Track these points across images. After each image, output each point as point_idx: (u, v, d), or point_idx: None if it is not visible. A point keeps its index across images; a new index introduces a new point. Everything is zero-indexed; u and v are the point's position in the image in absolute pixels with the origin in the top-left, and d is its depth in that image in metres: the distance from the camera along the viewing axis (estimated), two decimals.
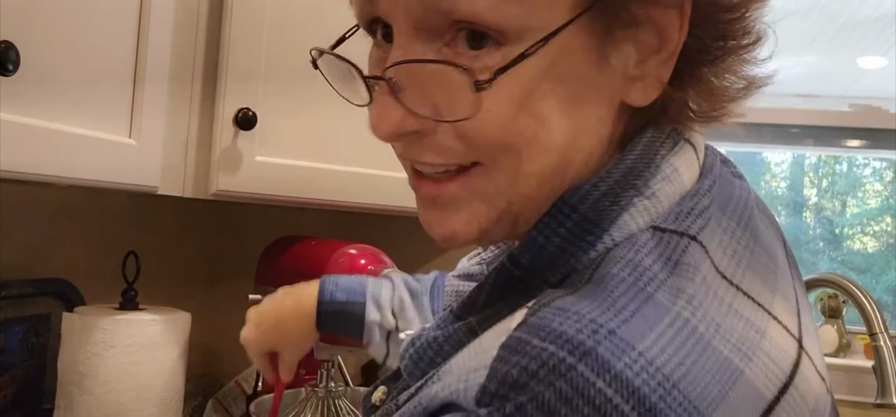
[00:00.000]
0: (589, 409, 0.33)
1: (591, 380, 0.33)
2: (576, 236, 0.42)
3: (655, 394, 0.34)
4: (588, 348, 0.34)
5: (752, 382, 0.37)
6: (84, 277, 1.17)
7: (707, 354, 0.36)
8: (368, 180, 1.12)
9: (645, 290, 0.38)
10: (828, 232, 2.48)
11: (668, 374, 0.34)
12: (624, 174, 0.43)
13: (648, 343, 0.35)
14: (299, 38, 1.08)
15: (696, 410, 0.34)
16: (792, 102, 2.27)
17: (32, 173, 0.72)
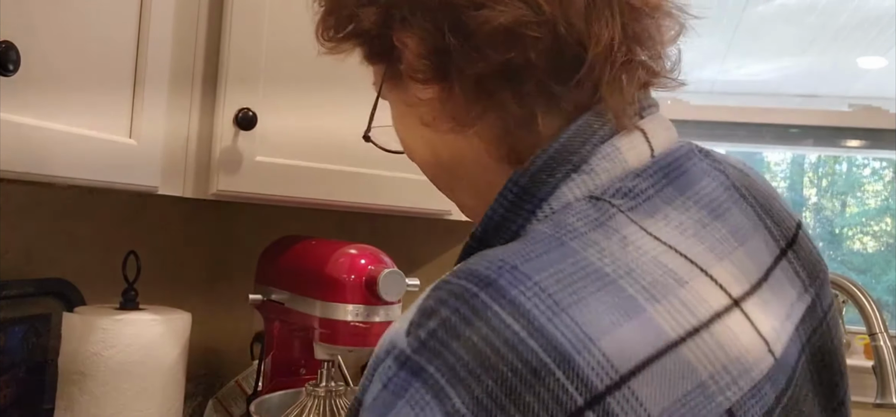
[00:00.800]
0: (486, 329, 0.39)
1: (488, 304, 0.39)
2: (516, 205, 0.49)
3: (544, 316, 0.39)
4: (491, 280, 0.41)
5: (655, 320, 0.41)
6: (84, 277, 1.17)
7: (607, 290, 0.41)
8: (368, 180, 1.12)
9: (560, 239, 0.44)
10: (828, 232, 2.48)
11: (558, 300, 0.40)
12: (557, 151, 0.49)
13: (545, 276, 0.41)
14: (299, 38, 1.08)
15: (584, 333, 0.39)
16: (792, 102, 2.27)
17: (32, 173, 0.72)
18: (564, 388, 0.38)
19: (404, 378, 0.40)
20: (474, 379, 0.38)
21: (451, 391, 0.38)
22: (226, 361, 1.44)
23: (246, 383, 1.28)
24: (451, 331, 0.39)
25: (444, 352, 0.39)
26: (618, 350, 0.39)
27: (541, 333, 0.39)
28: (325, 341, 1.03)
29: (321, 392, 1.05)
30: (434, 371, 0.39)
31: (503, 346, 0.38)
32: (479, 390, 0.38)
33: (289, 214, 1.34)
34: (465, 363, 0.38)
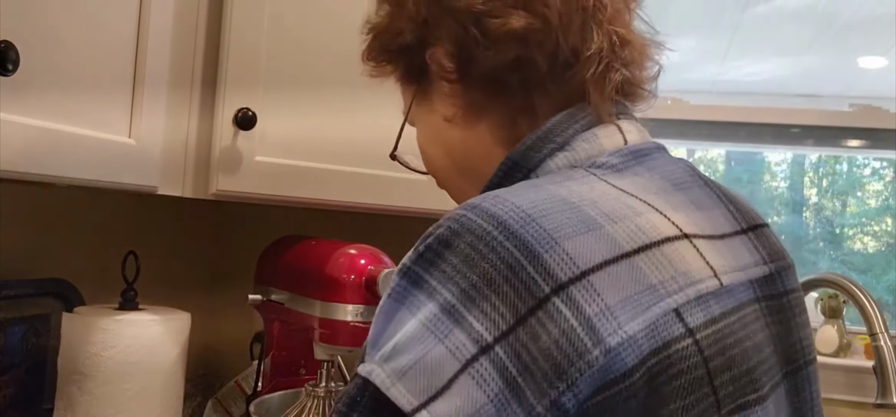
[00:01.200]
0: (471, 236, 0.48)
1: (473, 219, 0.49)
2: (508, 174, 0.61)
3: (517, 224, 0.48)
4: (475, 204, 0.50)
5: (611, 235, 0.49)
6: (84, 277, 1.17)
7: (571, 211, 0.50)
8: (368, 180, 1.12)
9: (536, 184, 0.54)
10: (828, 232, 2.48)
11: (529, 212, 0.49)
12: (545, 133, 0.61)
13: (520, 199, 0.50)
14: (299, 39, 1.08)
15: (547, 236, 0.48)
16: (792, 102, 2.27)
17: (32, 173, 0.72)
18: (534, 279, 0.46)
19: (404, 286, 0.49)
20: (461, 276, 0.47)
21: (442, 289, 0.47)
22: (225, 361, 1.44)
23: (245, 383, 1.28)
24: (443, 243, 0.49)
25: (437, 260, 0.48)
26: (579, 252, 0.48)
27: (515, 236, 0.48)
28: (324, 341, 1.03)
29: (321, 392, 1.05)
30: (429, 277, 0.48)
31: (484, 248, 0.47)
32: (465, 284, 0.47)
33: (289, 214, 1.34)
34: (453, 265, 0.48)
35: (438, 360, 0.45)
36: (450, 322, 0.46)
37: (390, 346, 0.47)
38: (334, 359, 1.09)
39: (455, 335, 0.46)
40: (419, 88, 0.70)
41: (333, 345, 1.02)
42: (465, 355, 0.45)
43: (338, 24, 1.10)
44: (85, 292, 1.16)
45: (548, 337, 0.45)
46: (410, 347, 0.46)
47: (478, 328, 0.46)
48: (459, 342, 0.45)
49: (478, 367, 0.45)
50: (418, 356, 0.46)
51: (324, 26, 1.10)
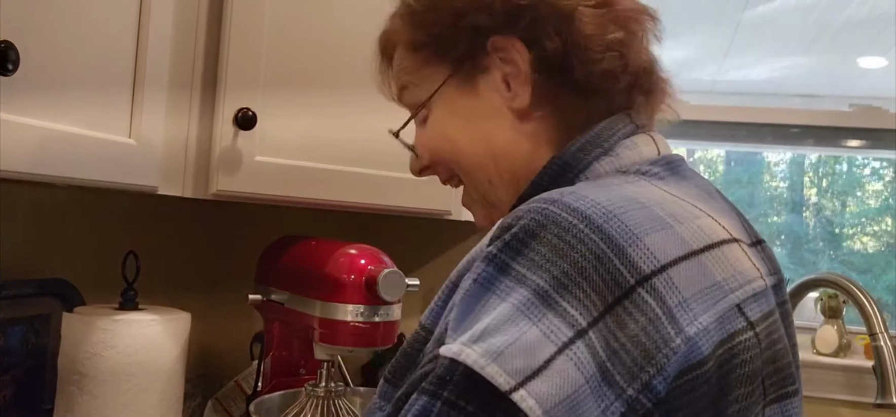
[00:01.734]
0: (557, 228, 0.51)
1: (557, 212, 0.52)
2: (558, 175, 0.64)
3: (600, 218, 0.51)
4: (555, 199, 0.53)
5: (680, 234, 0.53)
6: (84, 277, 1.16)
7: (643, 210, 0.53)
8: (368, 180, 1.12)
9: (602, 184, 0.58)
10: (828, 232, 2.48)
11: (610, 209, 0.52)
12: (589, 140, 0.65)
13: (598, 196, 0.53)
14: (299, 39, 1.08)
15: (629, 231, 0.51)
16: (792, 102, 2.27)
17: (32, 173, 0.72)
18: (620, 270, 0.50)
19: (491, 272, 0.51)
20: (552, 264, 0.49)
21: (532, 275, 0.49)
22: (225, 361, 1.44)
23: (245, 383, 1.28)
24: (529, 233, 0.51)
25: (524, 249, 0.51)
26: (657, 247, 0.51)
27: (600, 230, 0.50)
28: (324, 341, 1.03)
29: (321, 392, 1.05)
30: (516, 264, 0.50)
31: (572, 239, 0.50)
32: (556, 271, 0.49)
33: (289, 214, 1.34)
34: (542, 255, 0.50)
35: (534, 342, 0.47)
36: (543, 307, 0.48)
37: (480, 328, 0.48)
38: (334, 359, 1.09)
39: (549, 318, 0.48)
40: (457, 73, 0.69)
41: (333, 345, 1.02)
42: (561, 338, 0.47)
43: (338, 25, 1.10)
44: (85, 292, 1.16)
45: (635, 325, 0.48)
46: (504, 328, 0.48)
47: (572, 312, 0.48)
48: (554, 325, 0.48)
49: (575, 349, 0.47)
50: (513, 338, 0.47)
51: (324, 27, 1.10)
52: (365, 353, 1.39)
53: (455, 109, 0.70)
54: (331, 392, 1.05)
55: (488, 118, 0.68)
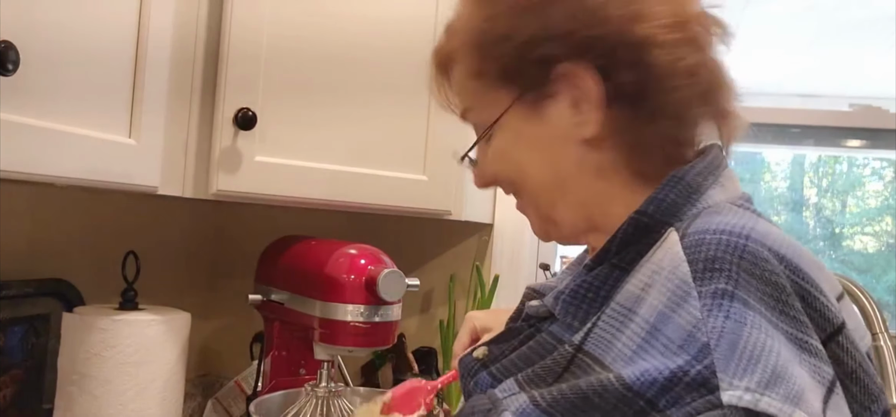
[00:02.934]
0: (768, 266, 0.51)
1: (759, 250, 0.52)
2: (684, 194, 0.63)
3: (794, 258, 0.53)
4: (747, 233, 0.53)
5: (828, 279, 0.56)
6: (84, 277, 1.16)
7: (804, 252, 0.55)
8: (369, 180, 1.12)
9: (745, 215, 0.58)
10: (827, 232, 2.48)
11: (794, 252, 0.54)
12: (706, 166, 0.65)
13: (775, 235, 0.55)
14: (299, 38, 1.07)
15: (815, 274, 0.53)
16: (792, 102, 2.26)
17: (32, 172, 0.72)
18: (827, 307, 0.52)
19: (740, 310, 0.50)
20: (783, 304, 0.51)
21: (769, 313, 0.50)
22: (226, 361, 1.44)
23: (245, 383, 1.28)
24: (747, 271, 0.51)
25: (751, 288, 0.50)
26: (831, 293, 0.54)
27: (798, 270, 0.53)
28: (324, 341, 1.03)
29: (321, 392, 1.05)
30: (756, 302, 0.50)
31: (786, 281, 0.52)
32: (791, 310, 0.50)
33: (289, 214, 1.34)
34: (769, 294, 0.51)
35: (811, 385, 0.48)
36: (798, 348, 0.49)
37: (768, 374, 0.47)
38: (334, 359, 1.09)
39: (806, 359, 0.49)
40: (523, 98, 0.67)
41: (333, 345, 1.02)
42: (826, 377, 0.49)
43: (338, 25, 1.10)
44: (85, 292, 1.16)
45: (851, 360, 0.51)
46: (788, 372, 0.47)
47: (821, 349, 0.50)
48: (815, 365, 0.49)
49: (837, 388, 0.49)
50: (802, 382, 0.47)
51: (324, 27, 1.10)
52: (365, 353, 1.39)
53: (521, 134, 0.68)
54: (331, 392, 1.05)
55: (555, 145, 0.66)
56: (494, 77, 0.68)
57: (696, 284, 0.51)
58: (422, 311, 1.53)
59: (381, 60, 1.11)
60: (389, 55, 1.11)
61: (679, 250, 0.54)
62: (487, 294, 1.44)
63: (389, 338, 1.05)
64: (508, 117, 0.68)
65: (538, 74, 0.65)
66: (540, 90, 0.66)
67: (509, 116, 0.68)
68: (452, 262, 1.52)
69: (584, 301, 0.63)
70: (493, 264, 1.53)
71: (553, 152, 0.67)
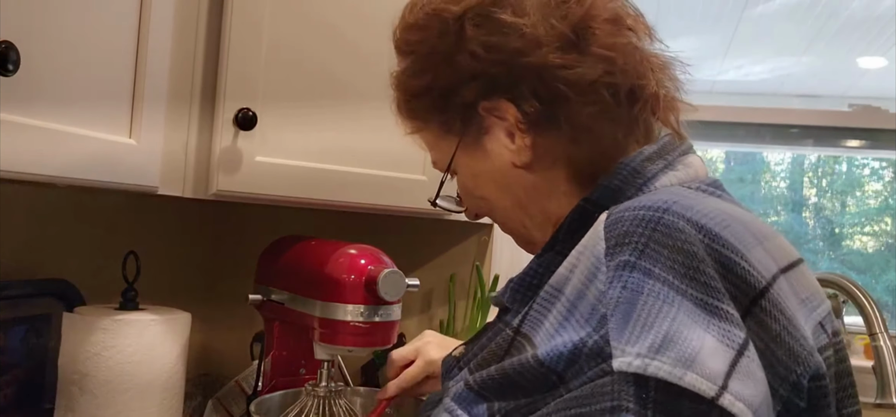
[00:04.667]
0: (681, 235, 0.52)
1: (674, 220, 0.53)
2: (629, 180, 0.65)
3: (716, 227, 0.53)
4: (666, 207, 0.54)
5: (769, 252, 0.55)
6: (84, 277, 1.16)
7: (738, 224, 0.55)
8: (368, 180, 1.12)
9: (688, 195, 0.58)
10: (827, 232, 2.49)
11: (718, 220, 0.54)
12: (656, 151, 0.66)
13: (700, 207, 0.55)
14: (299, 38, 1.08)
15: (741, 243, 0.53)
16: (792, 103, 2.27)
17: (32, 173, 0.72)
18: (750, 273, 0.52)
19: (639, 278, 0.50)
20: (694, 271, 0.50)
21: (680, 283, 0.50)
22: (226, 361, 1.44)
23: (246, 383, 1.28)
24: (657, 241, 0.52)
25: (659, 257, 0.51)
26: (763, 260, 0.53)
27: (719, 238, 0.52)
28: (325, 341, 1.03)
29: (321, 392, 1.05)
30: (661, 271, 0.50)
31: (701, 249, 0.51)
32: (702, 276, 0.50)
33: (289, 214, 1.34)
34: (680, 262, 0.51)
35: (715, 347, 0.47)
36: (705, 313, 0.49)
37: (658, 337, 0.47)
38: (334, 359, 1.09)
39: (716, 323, 0.48)
40: (464, 140, 0.72)
41: (333, 345, 1.02)
42: (736, 340, 0.48)
43: (338, 24, 1.10)
44: (85, 292, 1.16)
45: (775, 324, 0.51)
46: (684, 336, 0.47)
47: (733, 314, 0.49)
48: (724, 329, 0.48)
49: (749, 351, 0.48)
50: (698, 344, 0.47)
51: (324, 27, 1.10)
52: (365, 353, 1.39)
53: (474, 171, 0.73)
54: (331, 392, 1.05)
55: (505, 175, 0.71)
56: (434, 124, 0.73)
57: (606, 259, 0.53)
58: (422, 311, 1.53)
59: (382, 61, 1.10)
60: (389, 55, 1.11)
61: (601, 229, 0.56)
62: (487, 294, 1.44)
63: (389, 338, 1.05)
64: (459, 158, 0.73)
65: (466, 117, 0.70)
66: (474, 130, 0.70)
67: (459, 157, 0.73)
68: (452, 262, 1.52)
69: (530, 289, 0.65)
70: (493, 264, 1.53)
71: (505, 182, 0.71)
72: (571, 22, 0.66)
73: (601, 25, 0.66)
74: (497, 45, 0.66)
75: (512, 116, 0.68)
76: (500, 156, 0.70)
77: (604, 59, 0.66)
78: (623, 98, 0.67)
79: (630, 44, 0.68)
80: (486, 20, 0.67)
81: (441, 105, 0.71)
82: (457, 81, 0.69)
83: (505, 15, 0.66)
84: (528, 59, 0.65)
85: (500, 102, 0.68)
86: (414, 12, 0.73)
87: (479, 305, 1.44)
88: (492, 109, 0.68)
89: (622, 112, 0.67)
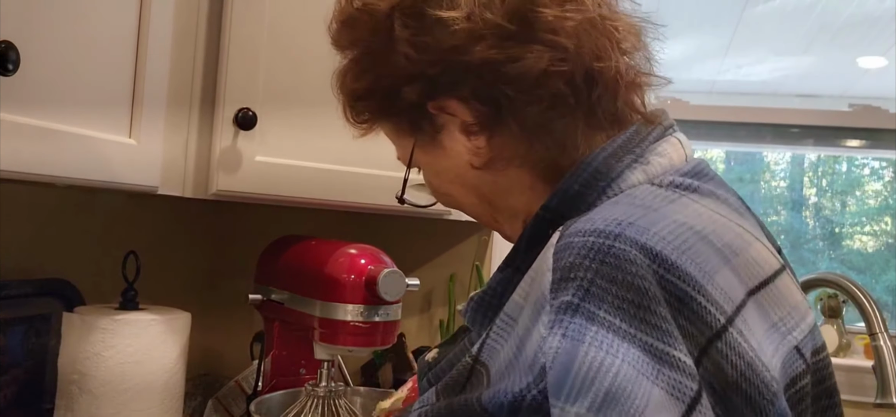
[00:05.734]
0: (632, 268, 0.46)
1: (626, 249, 0.47)
2: (591, 182, 0.58)
3: (673, 255, 0.48)
4: (617, 232, 0.48)
5: (738, 271, 0.51)
6: (84, 277, 1.16)
7: (703, 243, 0.50)
8: (368, 180, 1.12)
9: (651, 207, 0.53)
10: (827, 232, 2.48)
11: (676, 245, 0.49)
12: (619, 146, 0.60)
13: (658, 228, 0.49)
14: (299, 38, 1.08)
15: (703, 270, 0.48)
16: (792, 103, 2.27)
17: (32, 173, 0.72)
18: (707, 309, 0.47)
19: (580, 324, 0.45)
20: (643, 311, 0.45)
21: (628, 327, 0.45)
22: (226, 361, 1.43)
23: (246, 383, 1.28)
24: (603, 276, 0.46)
25: (605, 296, 0.46)
26: (728, 286, 0.49)
27: (675, 268, 0.47)
28: (325, 341, 1.03)
29: (321, 392, 1.05)
30: (604, 313, 0.45)
31: (653, 285, 0.46)
32: (652, 318, 0.45)
33: (289, 214, 1.34)
34: (629, 300, 0.46)
35: (663, 402, 0.43)
36: (653, 361, 0.44)
37: (600, 394, 0.43)
38: (334, 359, 1.09)
39: (665, 373, 0.44)
40: (419, 139, 0.67)
41: (333, 345, 1.02)
42: (687, 393, 0.44)
43: None
44: (85, 292, 1.16)
45: (732, 369, 0.46)
46: (626, 392, 0.43)
47: (686, 361, 0.45)
48: (674, 380, 0.44)
49: (701, 405, 0.44)
50: (643, 401, 0.43)
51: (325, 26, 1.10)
52: (365, 353, 1.39)
53: (435, 168, 0.69)
54: (331, 392, 1.05)
55: (467, 173, 0.65)
56: (384, 125, 0.69)
57: (550, 296, 0.47)
58: (422, 311, 1.53)
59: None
60: None
61: (550, 255, 0.50)
62: None
63: (389, 338, 1.05)
64: (419, 157, 0.69)
65: (415, 117, 0.65)
66: (428, 128, 0.65)
67: (419, 156, 0.69)
68: (452, 262, 1.52)
69: (489, 309, 0.61)
70: (493, 263, 1.53)
71: (467, 180, 0.66)
72: (509, 9, 0.59)
73: (545, 6, 0.59)
74: (430, 43, 0.60)
75: (462, 115, 0.62)
76: (459, 154, 0.65)
77: (551, 44, 0.58)
78: (580, 84, 0.59)
79: (584, 19, 0.59)
80: (416, 17, 0.61)
81: (386, 107, 0.66)
82: (397, 82, 0.63)
83: (435, 10, 0.60)
84: (465, 57, 0.59)
85: (448, 101, 0.62)
86: (344, 7, 0.68)
87: None
88: (442, 108, 0.63)
89: (580, 101, 0.60)
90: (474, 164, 0.64)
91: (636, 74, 0.63)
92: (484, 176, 0.65)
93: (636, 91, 0.63)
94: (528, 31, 0.59)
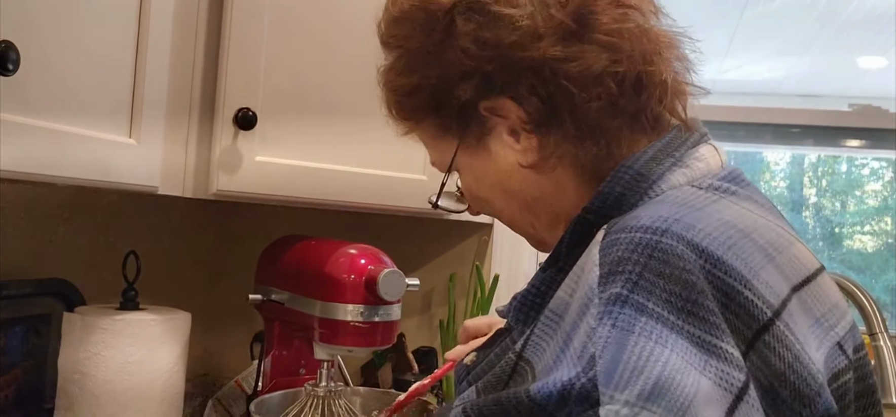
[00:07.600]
0: (680, 263, 0.48)
1: (673, 245, 0.49)
2: (633, 185, 0.60)
3: (719, 251, 0.49)
4: (665, 228, 0.50)
5: (781, 267, 0.52)
6: (84, 277, 1.16)
7: (747, 240, 0.52)
8: (368, 179, 1.12)
9: (694, 206, 0.54)
10: (827, 232, 2.48)
11: (722, 241, 0.50)
12: (659, 150, 0.62)
13: (703, 226, 0.51)
14: (300, 38, 1.07)
15: (749, 266, 0.50)
16: (792, 102, 2.27)
17: (32, 173, 0.72)
18: (754, 303, 0.48)
19: (630, 315, 0.47)
20: (691, 304, 0.47)
21: (676, 319, 0.46)
22: (226, 361, 1.43)
23: (246, 383, 1.28)
24: (652, 270, 0.48)
25: (654, 289, 0.47)
26: (773, 281, 0.50)
27: (722, 263, 0.49)
28: (325, 341, 1.03)
29: (321, 392, 1.05)
30: (654, 305, 0.47)
31: (701, 278, 0.48)
32: (700, 311, 0.46)
33: (289, 214, 1.34)
34: (677, 294, 0.47)
35: (711, 393, 0.44)
36: (702, 352, 0.45)
37: (649, 384, 0.44)
38: (334, 359, 1.09)
39: (713, 364, 0.45)
40: (465, 141, 0.67)
41: (333, 345, 1.02)
42: (734, 384, 0.45)
43: (338, 24, 1.10)
44: (85, 292, 1.16)
45: (779, 362, 0.47)
46: (676, 381, 0.44)
47: (733, 353, 0.46)
48: (722, 371, 0.45)
49: (749, 396, 0.45)
50: (692, 391, 0.43)
51: (324, 27, 1.10)
52: (365, 353, 1.39)
53: (476, 173, 0.69)
54: (331, 392, 1.05)
55: (511, 176, 0.67)
56: (429, 125, 0.69)
57: (599, 289, 0.49)
58: (422, 311, 1.53)
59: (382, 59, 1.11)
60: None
61: (596, 252, 0.52)
62: (487, 294, 1.44)
63: (389, 338, 1.05)
64: (461, 160, 0.69)
65: (465, 117, 0.66)
66: (475, 130, 0.66)
67: (461, 159, 0.69)
68: (452, 262, 1.52)
69: (532, 308, 0.62)
70: (493, 263, 1.53)
71: (511, 183, 0.67)
72: (571, 9, 0.61)
73: (604, 9, 0.61)
74: (490, 40, 0.62)
75: (515, 115, 0.63)
76: (506, 157, 0.66)
77: (609, 46, 0.61)
78: (628, 88, 0.61)
79: (636, 26, 0.62)
80: (478, 12, 0.62)
81: (434, 105, 0.67)
82: (449, 80, 0.64)
83: (498, 6, 0.61)
84: (526, 53, 0.61)
85: (500, 101, 0.63)
86: (398, 4, 0.68)
87: (479, 305, 1.44)
88: (493, 110, 0.64)
89: (628, 103, 0.62)
90: (523, 163, 0.65)
91: (679, 81, 0.65)
92: (529, 177, 0.66)
93: (679, 98, 0.65)
94: (588, 32, 0.61)
